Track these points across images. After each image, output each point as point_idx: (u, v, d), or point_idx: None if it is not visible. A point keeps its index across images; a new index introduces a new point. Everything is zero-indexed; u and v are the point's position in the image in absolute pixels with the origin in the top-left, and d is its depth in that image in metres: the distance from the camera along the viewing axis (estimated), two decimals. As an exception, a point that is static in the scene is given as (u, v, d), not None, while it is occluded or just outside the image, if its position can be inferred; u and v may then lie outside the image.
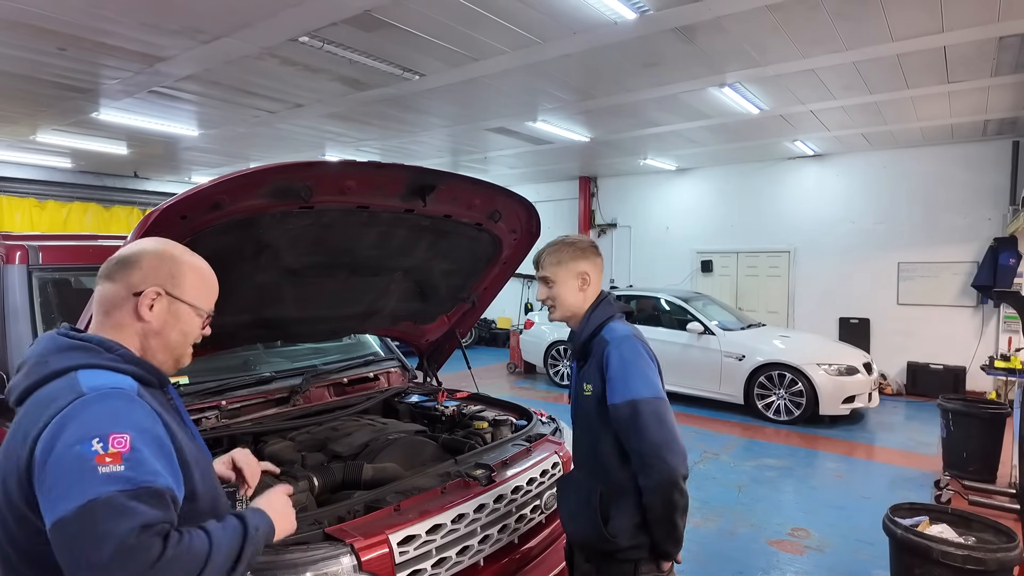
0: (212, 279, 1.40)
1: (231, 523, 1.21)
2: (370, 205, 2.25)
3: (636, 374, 1.83)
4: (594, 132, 8.84)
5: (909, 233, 9.62)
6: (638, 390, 1.81)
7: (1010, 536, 2.93)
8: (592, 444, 1.96)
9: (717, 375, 8.01)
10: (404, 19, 4.79)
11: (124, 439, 1.06)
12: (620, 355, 1.86)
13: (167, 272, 1.29)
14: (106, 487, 1.01)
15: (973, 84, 6.38)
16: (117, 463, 1.04)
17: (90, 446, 1.03)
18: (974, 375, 8.78)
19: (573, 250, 2.02)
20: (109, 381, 1.15)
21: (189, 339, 1.35)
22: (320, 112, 7.69)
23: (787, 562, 4.00)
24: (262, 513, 1.32)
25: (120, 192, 13.03)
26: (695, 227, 11.84)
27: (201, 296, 1.36)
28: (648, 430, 1.77)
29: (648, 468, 1.77)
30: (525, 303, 13.68)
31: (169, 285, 1.29)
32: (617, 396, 1.82)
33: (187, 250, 1.37)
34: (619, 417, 1.81)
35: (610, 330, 1.94)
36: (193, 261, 1.36)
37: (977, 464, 5.31)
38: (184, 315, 1.32)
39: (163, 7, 4.57)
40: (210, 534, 1.13)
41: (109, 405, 1.11)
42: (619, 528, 1.86)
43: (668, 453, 1.76)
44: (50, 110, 7.58)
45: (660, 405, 1.81)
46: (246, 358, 3.08)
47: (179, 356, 1.36)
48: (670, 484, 1.76)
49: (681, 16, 4.70)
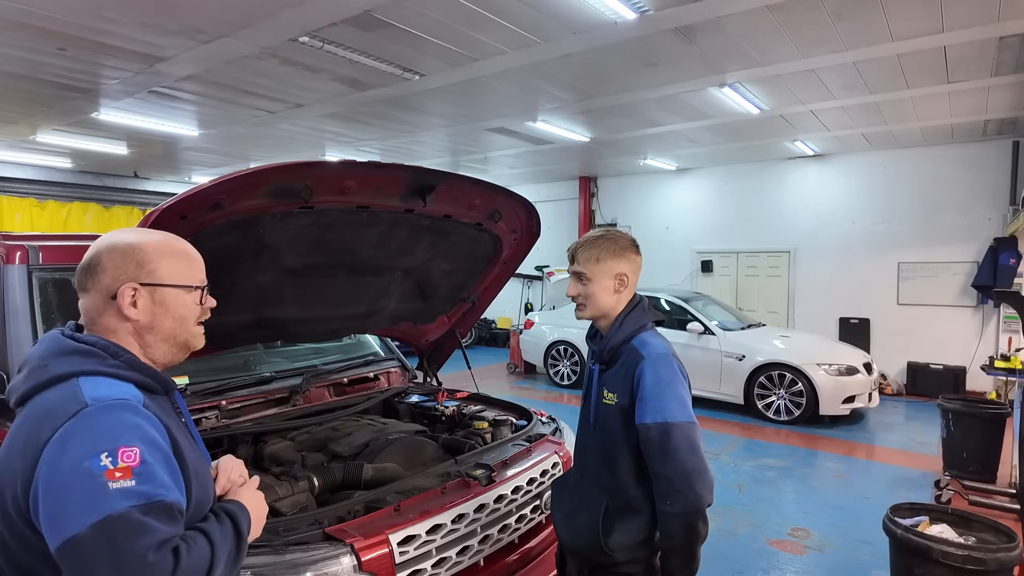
0: (184, 249, 1.30)
1: (227, 525, 1.19)
2: (370, 205, 2.25)
3: (671, 395, 1.72)
4: (594, 132, 8.84)
5: (909, 233, 9.62)
6: (673, 412, 1.70)
7: (1010, 536, 2.93)
8: (606, 456, 1.86)
9: (717, 375, 8.01)
10: (404, 19, 4.79)
11: (133, 452, 1.02)
12: (656, 373, 1.74)
13: (133, 263, 1.20)
14: (120, 503, 0.98)
15: (973, 84, 6.38)
16: (128, 478, 1.00)
17: (99, 461, 0.99)
18: (974, 375, 8.79)
19: (614, 248, 1.88)
20: (113, 391, 1.11)
21: (189, 321, 1.27)
22: (320, 112, 7.69)
23: (787, 562, 4.00)
24: (245, 510, 1.29)
25: (120, 192, 13.04)
26: (695, 227, 11.84)
27: (181, 272, 1.26)
28: (679, 455, 1.66)
29: (675, 494, 1.67)
30: (525, 303, 13.68)
31: (142, 275, 1.21)
32: (648, 416, 1.71)
33: (145, 231, 1.28)
34: (649, 438, 1.70)
35: (644, 343, 1.82)
36: (156, 240, 1.26)
37: (977, 464, 5.31)
38: (172, 300, 1.23)
39: (163, 7, 4.57)
40: (211, 538, 1.12)
41: (115, 417, 1.06)
42: (619, 544, 1.80)
43: (698, 481, 1.66)
44: (50, 110, 7.58)
45: (693, 430, 1.71)
46: (246, 358, 3.08)
47: (185, 341, 1.28)
48: (695, 513, 1.67)
49: (681, 16, 4.69)
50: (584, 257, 1.88)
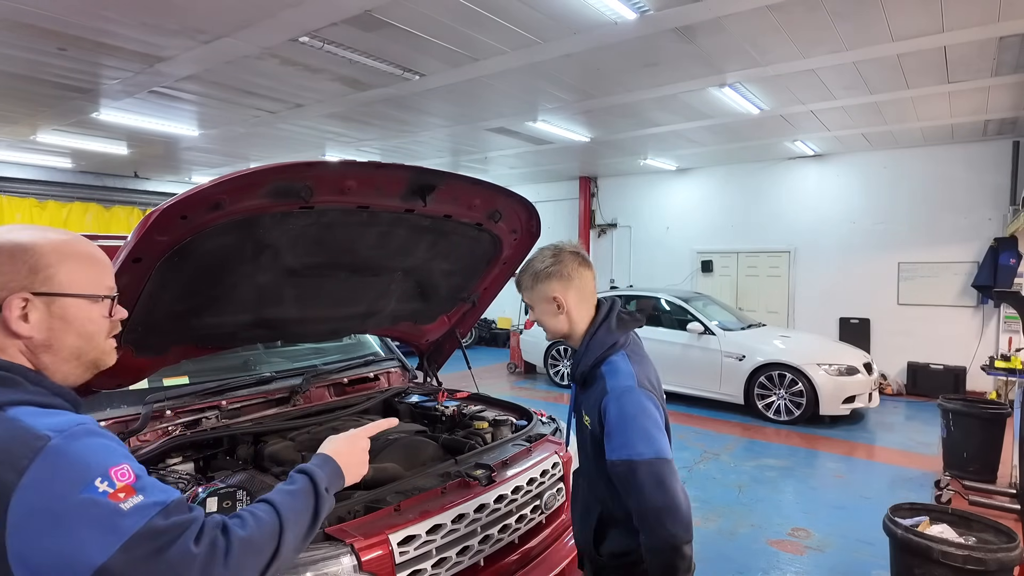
0: (89, 251, 1.09)
1: (300, 484, 1.15)
2: (370, 205, 2.24)
3: (636, 431, 1.63)
4: (594, 132, 8.84)
5: (909, 233, 9.62)
6: (637, 449, 1.61)
7: (1010, 536, 2.93)
8: (589, 471, 1.88)
9: (717, 375, 8.01)
10: (404, 19, 4.79)
11: (125, 470, 0.94)
12: (620, 408, 1.66)
13: (26, 269, 1.00)
14: (139, 520, 0.90)
15: (973, 84, 6.38)
16: (132, 496, 0.92)
17: (96, 489, 0.89)
18: (974, 375, 8.79)
19: (533, 276, 1.86)
20: (65, 419, 0.96)
21: (97, 336, 1.08)
22: (320, 112, 7.69)
23: (787, 562, 4.00)
24: (326, 459, 1.24)
25: (120, 192, 13.04)
26: (695, 227, 11.84)
27: (85, 279, 1.06)
28: (645, 493, 1.58)
29: (648, 530, 1.60)
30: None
31: (36, 283, 1.01)
32: (614, 453, 1.64)
33: (42, 229, 1.07)
34: (616, 475, 1.65)
35: (612, 372, 1.73)
36: (54, 240, 1.05)
37: (977, 464, 5.31)
38: (73, 311, 1.04)
39: (163, 7, 4.57)
40: (274, 503, 1.08)
41: (88, 443, 0.94)
42: (608, 551, 1.82)
43: (668, 519, 1.57)
44: (50, 110, 7.58)
45: (662, 466, 1.60)
46: (246, 358, 3.08)
47: (94, 360, 1.10)
48: (670, 550, 1.58)
49: (681, 16, 4.69)
50: (522, 286, 1.91)
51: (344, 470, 1.28)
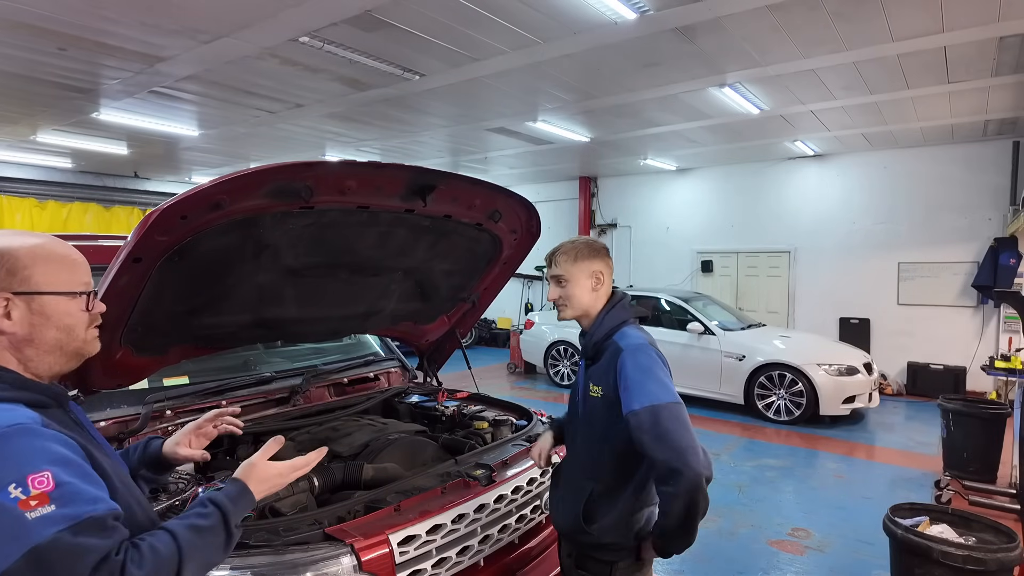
0: (63, 252, 1.18)
1: (211, 520, 1.18)
2: (370, 205, 2.24)
3: (653, 380, 1.78)
4: (594, 132, 8.84)
5: (909, 233, 9.62)
6: (658, 395, 1.75)
7: (1010, 536, 2.93)
8: (591, 444, 1.97)
9: (717, 375, 8.01)
10: (404, 19, 4.79)
11: (45, 477, 0.95)
12: (636, 362, 1.81)
13: (3, 271, 1.09)
14: (44, 531, 0.92)
15: (973, 84, 6.38)
16: (45, 504, 0.93)
17: (8, 494, 0.92)
18: (974, 375, 8.79)
19: (588, 249, 2.01)
20: (4, 417, 1.00)
21: (77, 329, 1.17)
22: (320, 112, 7.69)
23: (787, 562, 4.00)
24: (235, 483, 1.27)
25: (120, 192, 13.05)
26: (695, 227, 11.84)
27: (60, 277, 1.15)
28: (671, 435, 1.69)
29: (675, 475, 1.68)
30: (525, 303, 13.69)
31: (15, 284, 1.10)
32: (635, 403, 1.75)
33: (18, 234, 1.16)
34: (639, 424, 1.73)
35: (624, 336, 1.91)
36: (30, 244, 1.14)
37: (977, 464, 5.31)
38: (52, 308, 1.13)
39: (163, 7, 4.57)
40: (173, 532, 1.09)
41: (14, 445, 0.97)
42: (603, 527, 1.89)
43: (693, 458, 1.68)
44: (50, 110, 7.58)
45: (681, 410, 1.75)
46: (246, 358, 3.08)
47: (76, 349, 1.18)
48: (696, 488, 1.68)
49: (681, 16, 4.70)
50: (562, 260, 2.01)
51: (251, 485, 1.30)
